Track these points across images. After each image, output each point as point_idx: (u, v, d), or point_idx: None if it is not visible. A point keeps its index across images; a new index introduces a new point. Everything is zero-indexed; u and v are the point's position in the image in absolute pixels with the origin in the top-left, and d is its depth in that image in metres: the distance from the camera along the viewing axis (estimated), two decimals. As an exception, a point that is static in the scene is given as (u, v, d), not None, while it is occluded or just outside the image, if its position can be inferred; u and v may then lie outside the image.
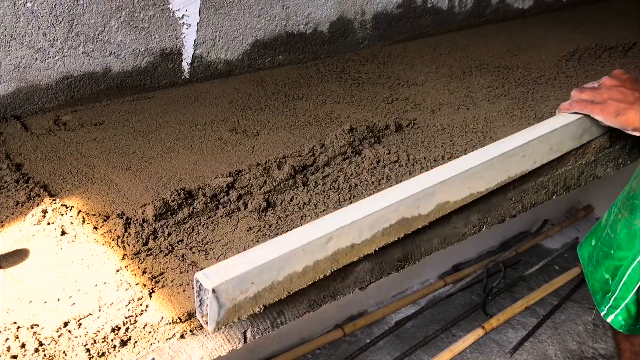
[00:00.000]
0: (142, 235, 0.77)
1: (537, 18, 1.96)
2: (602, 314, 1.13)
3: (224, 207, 0.84)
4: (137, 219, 0.79)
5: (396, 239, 0.79)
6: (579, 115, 1.03)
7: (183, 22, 1.26)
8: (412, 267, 0.91)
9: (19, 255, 0.73)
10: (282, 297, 0.68)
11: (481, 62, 1.49)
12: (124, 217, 0.79)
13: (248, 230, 0.80)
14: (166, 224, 0.79)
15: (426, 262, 0.98)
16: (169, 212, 0.80)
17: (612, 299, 1.11)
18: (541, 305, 2.04)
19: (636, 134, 0.97)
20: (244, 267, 0.63)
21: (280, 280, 0.67)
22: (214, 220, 0.82)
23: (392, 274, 0.87)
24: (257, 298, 0.65)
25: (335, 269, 0.73)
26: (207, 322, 0.63)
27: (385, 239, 0.78)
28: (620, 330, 1.12)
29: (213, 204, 0.83)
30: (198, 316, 0.64)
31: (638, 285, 1.07)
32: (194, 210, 0.81)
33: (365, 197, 0.84)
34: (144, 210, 0.80)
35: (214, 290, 0.60)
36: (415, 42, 1.68)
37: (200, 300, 0.62)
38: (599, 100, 1.01)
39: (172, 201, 0.81)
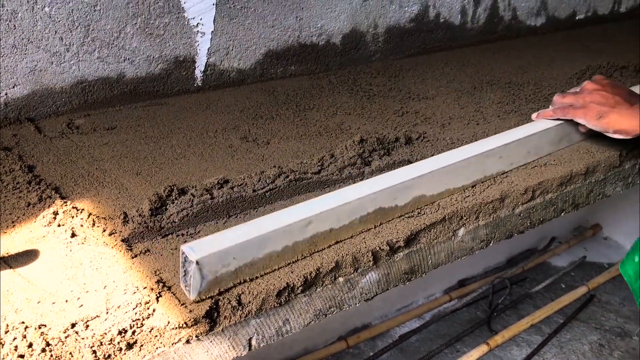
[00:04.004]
0: (149, 239, 0.78)
1: (549, 36, 1.97)
2: None
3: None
4: (147, 224, 0.79)
5: (373, 227, 0.84)
6: (559, 122, 1.07)
7: (197, 31, 1.27)
8: (418, 281, 0.91)
9: (28, 255, 0.74)
10: (261, 274, 0.73)
11: (492, 78, 1.50)
12: (133, 220, 0.79)
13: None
14: (171, 227, 0.80)
15: (432, 276, 0.99)
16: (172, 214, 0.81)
17: None
18: (547, 323, 2.03)
19: (617, 136, 1.01)
20: (227, 242, 0.69)
21: (260, 257, 0.72)
22: (221, 222, 0.83)
23: (398, 286, 0.87)
24: (237, 272, 0.71)
25: (313, 251, 0.77)
26: (189, 291, 0.68)
27: (362, 226, 0.83)
28: None
29: (217, 207, 0.84)
30: (182, 285, 0.69)
31: None
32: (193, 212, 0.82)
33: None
34: (151, 212, 0.80)
35: (197, 263, 0.66)
36: (426, 57, 1.69)
37: (184, 271, 0.67)
38: (581, 103, 1.05)
39: (171, 202, 0.82)
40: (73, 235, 0.78)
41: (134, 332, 0.64)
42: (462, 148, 0.97)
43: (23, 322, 0.63)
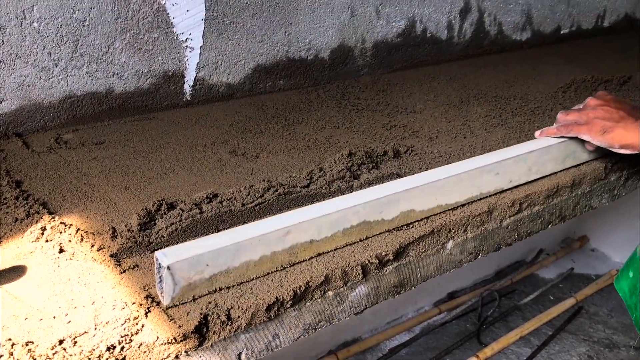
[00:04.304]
0: (138, 254, 0.78)
1: (534, 50, 1.99)
2: None
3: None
4: (135, 239, 0.79)
5: (358, 240, 0.83)
6: (562, 139, 1.05)
7: (186, 46, 1.28)
8: (407, 293, 0.91)
9: (16, 272, 0.74)
10: (238, 282, 0.73)
11: (479, 91, 1.51)
12: (122, 235, 0.79)
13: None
14: (160, 242, 0.80)
15: (421, 289, 0.99)
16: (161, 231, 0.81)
17: None
18: (536, 335, 2.03)
19: (623, 151, 0.99)
20: (200, 249, 0.69)
21: (236, 266, 0.72)
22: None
23: (387, 299, 0.87)
24: (212, 280, 0.71)
25: (294, 262, 0.77)
26: (163, 297, 0.68)
27: (346, 239, 0.82)
28: None
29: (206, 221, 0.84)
30: (158, 292, 0.70)
31: None
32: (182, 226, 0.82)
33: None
34: (140, 227, 0.80)
35: (169, 268, 0.66)
36: (414, 71, 1.70)
37: (160, 277, 0.68)
38: (584, 120, 1.03)
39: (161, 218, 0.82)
40: (61, 250, 0.78)
41: (122, 348, 0.63)
42: (455, 164, 0.96)
43: (10, 339, 0.62)
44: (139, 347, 0.64)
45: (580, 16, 2.14)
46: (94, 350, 0.62)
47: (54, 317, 0.66)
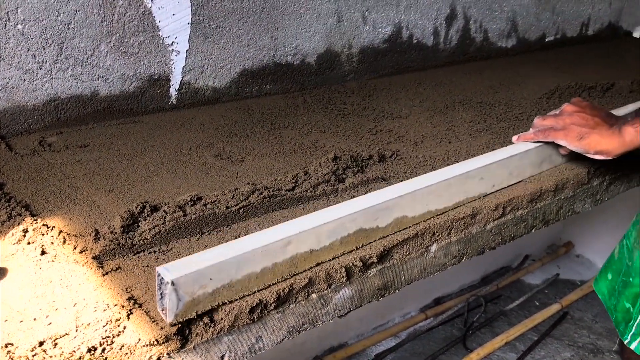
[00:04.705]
0: (121, 256, 0.77)
1: (519, 57, 2.01)
2: (625, 342, 1.15)
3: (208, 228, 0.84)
4: (118, 241, 0.78)
5: (354, 248, 0.83)
6: (540, 144, 1.07)
7: (172, 49, 1.28)
8: (393, 299, 0.91)
9: (-4, 274, 0.73)
10: (240, 296, 0.72)
11: (464, 97, 1.52)
12: (104, 237, 0.79)
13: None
14: (143, 244, 0.79)
15: (407, 294, 0.99)
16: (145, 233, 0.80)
17: (635, 326, 1.13)
18: (521, 340, 2.04)
19: (597, 157, 1.01)
20: (203, 263, 0.67)
21: (239, 279, 0.71)
22: (192, 240, 0.82)
23: (372, 302, 0.88)
24: (215, 294, 0.69)
25: (294, 273, 0.76)
26: (166, 315, 0.66)
27: (343, 248, 0.82)
28: None
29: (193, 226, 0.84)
30: (159, 310, 0.67)
31: None
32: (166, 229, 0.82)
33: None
34: (123, 229, 0.80)
35: (173, 283, 0.64)
36: (400, 77, 1.71)
37: (161, 294, 0.66)
38: (561, 125, 1.05)
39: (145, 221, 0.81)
40: (43, 252, 0.77)
41: (103, 350, 0.63)
42: (442, 169, 0.96)
43: (-11, 341, 0.61)
44: (120, 349, 0.64)
45: (565, 24, 2.17)
46: (74, 351, 0.61)
47: (35, 319, 0.65)
